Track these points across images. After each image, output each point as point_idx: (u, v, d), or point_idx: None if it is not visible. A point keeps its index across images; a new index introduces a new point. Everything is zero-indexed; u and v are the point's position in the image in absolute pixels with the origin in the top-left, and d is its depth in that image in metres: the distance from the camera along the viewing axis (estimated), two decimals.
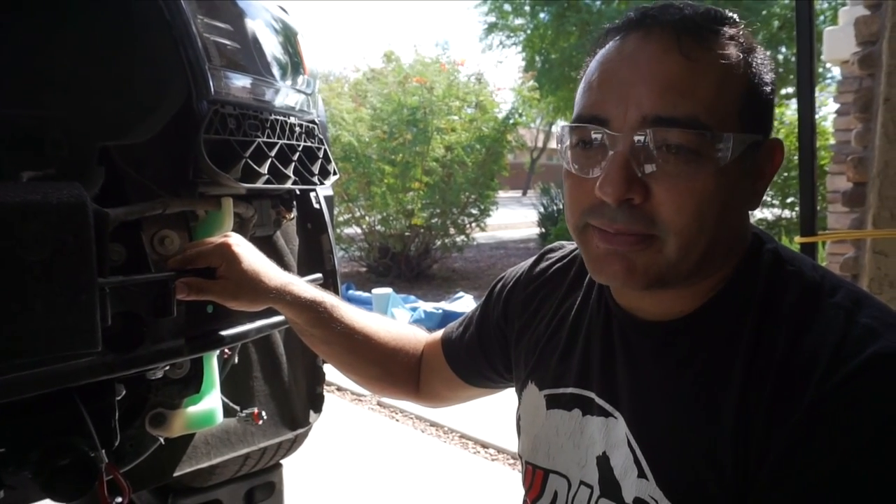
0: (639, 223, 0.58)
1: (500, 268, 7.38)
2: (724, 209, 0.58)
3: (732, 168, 0.58)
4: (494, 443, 2.72)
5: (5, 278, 0.63)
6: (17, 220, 0.64)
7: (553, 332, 0.78)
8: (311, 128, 1.28)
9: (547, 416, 0.76)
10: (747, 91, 0.59)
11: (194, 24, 0.98)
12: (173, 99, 0.93)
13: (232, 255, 0.89)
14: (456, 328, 0.96)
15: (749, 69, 0.59)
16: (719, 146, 0.56)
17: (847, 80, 3.72)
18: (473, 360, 0.92)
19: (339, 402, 3.33)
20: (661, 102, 0.56)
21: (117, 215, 0.87)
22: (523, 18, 12.18)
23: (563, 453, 0.73)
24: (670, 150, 0.56)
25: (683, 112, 0.56)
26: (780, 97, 9.12)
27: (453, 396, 1.00)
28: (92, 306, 0.69)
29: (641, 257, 0.59)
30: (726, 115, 0.57)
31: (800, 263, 0.63)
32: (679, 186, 0.57)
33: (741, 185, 0.60)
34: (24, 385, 0.74)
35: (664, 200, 0.57)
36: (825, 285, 0.61)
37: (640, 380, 0.66)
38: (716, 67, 0.57)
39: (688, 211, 0.57)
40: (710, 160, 0.57)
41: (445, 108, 6.48)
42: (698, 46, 0.57)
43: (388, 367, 0.97)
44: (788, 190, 6.22)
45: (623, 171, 0.57)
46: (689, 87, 0.57)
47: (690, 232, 0.58)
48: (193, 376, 1.04)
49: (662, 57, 0.57)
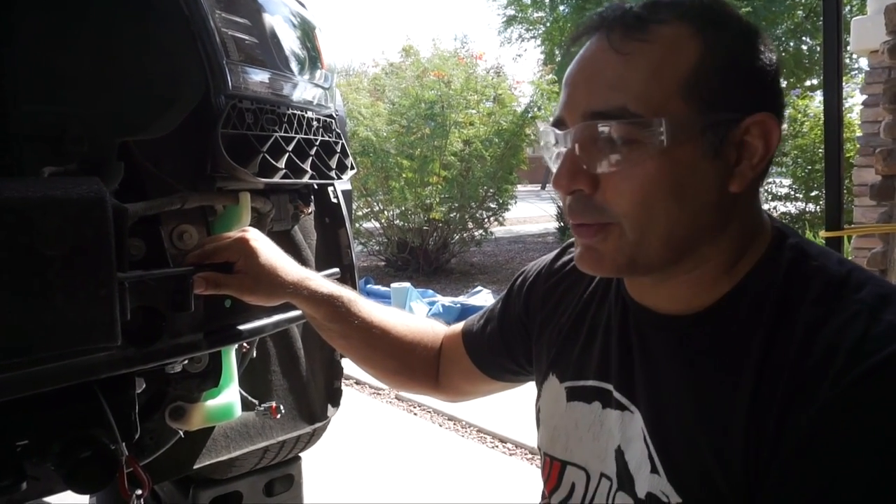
0: (593, 213, 0.62)
1: (518, 262, 7.35)
2: (678, 190, 0.59)
3: (684, 150, 0.58)
4: (513, 437, 2.71)
5: (26, 273, 0.64)
6: (37, 215, 0.65)
7: (574, 324, 0.79)
8: (328, 122, 1.28)
9: (567, 409, 0.76)
10: (700, 71, 0.59)
11: (212, 19, 0.99)
12: (191, 94, 0.93)
13: (249, 249, 0.89)
14: (477, 321, 0.96)
15: (708, 48, 0.59)
16: (654, 131, 0.58)
17: (875, 70, 3.64)
18: (495, 353, 0.92)
19: (357, 395, 3.35)
20: (594, 98, 0.60)
21: (136, 210, 0.87)
22: (543, 11, 12.11)
23: (582, 445, 0.73)
24: (606, 142, 0.60)
25: (613, 104, 0.59)
26: (805, 89, 8.95)
27: (473, 390, 0.99)
28: (111, 300, 0.69)
29: (605, 246, 0.62)
30: (664, 100, 0.58)
31: (824, 258, 0.62)
32: (619, 174, 0.60)
33: (703, 165, 0.59)
34: (46, 378, 0.74)
35: (609, 189, 0.61)
36: (851, 280, 0.59)
37: (655, 375, 0.66)
38: (649, 56, 0.59)
39: (631, 196, 0.60)
40: (646, 146, 0.58)
41: (463, 102, 6.45)
42: (630, 39, 0.60)
43: (406, 360, 0.97)
44: (813, 183, 6.11)
45: (569, 165, 0.62)
46: (619, 79, 0.59)
47: (640, 216, 0.60)
48: (212, 370, 1.04)
49: (597, 55, 0.61)
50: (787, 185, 6.56)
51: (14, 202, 0.64)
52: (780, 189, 6.59)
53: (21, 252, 0.64)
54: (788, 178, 6.55)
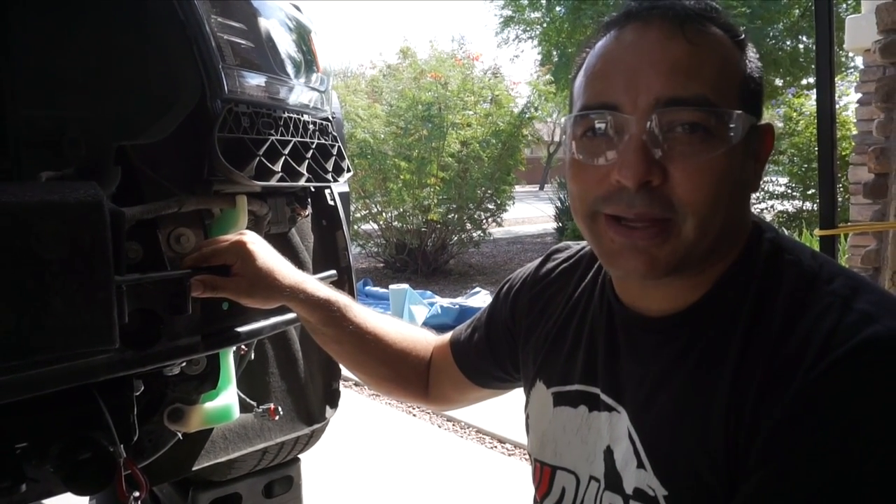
0: (657, 206, 0.59)
1: (516, 263, 7.36)
2: (734, 188, 0.60)
3: (739, 148, 0.59)
4: (511, 438, 2.71)
5: (24, 276, 0.64)
6: (35, 219, 0.65)
7: (559, 330, 0.79)
8: (324, 125, 1.29)
9: (554, 414, 0.77)
10: (744, 76, 0.62)
11: (208, 23, 0.99)
12: (188, 98, 0.94)
13: (246, 252, 0.89)
14: (464, 330, 0.97)
15: (743, 57, 0.62)
16: (730, 125, 0.58)
17: (870, 68, 3.65)
18: (482, 361, 0.93)
19: (356, 397, 3.35)
20: (670, 84, 0.58)
21: (133, 214, 0.88)
22: (539, 12, 12.11)
23: (571, 450, 0.74)
24: (684, 130, 0.58)
25: (693, 92, 0.57)
26: (801, 87, 8.97)
27: (461, 398, 1.00)
28: (109, 304, 0.70)
29: (662, 249, 0.60)
30: (730, 96, 0.59)
31: (798, 252, 0.63)
32: (695, 165, 0.58)
33: (745, 165, 0.62)
34: (45, 381, 0.75)
35: (681, 180, 0.58)
36: (822, 273, 0.60)
37: (642, 374, 0.67)
38: (717, 51, 0.60)
39: (705, 189, 0.58)
40: (721, 139, 0.58)
41: (460, 103, 6.46)
42: (699, 32, 0.59)
43: (397, 368, 0.98)
44: (809, 181, 6.12)
45: (641, 154, 0.58)
46: (695, 68, 0.58)
47: (708, 210, 0.58)
48: (210, 372, 1.05)
49: (666, 43, 0.59)
50: (784, 184, 6.57)
51: (11, 206, 0.64)
52: (776, 187, 6.61)
53: (19, 256, 0.64)
54: (785, 176, 6.57)
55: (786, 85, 9.82)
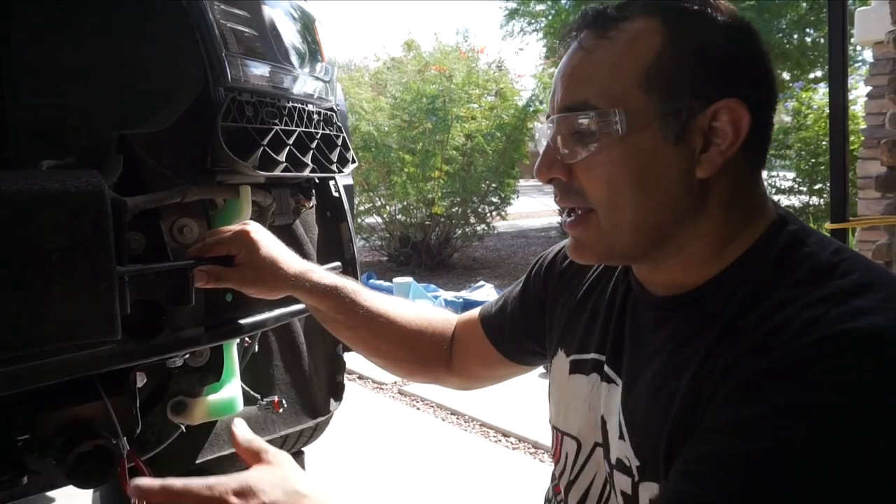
0: (571, 198, 0.67)
1: (520, 256, 7.34)
2: (641, 177, 0.62)
3: (643, 137, 0.62)
4: (516, 431, 2.71)
5: (25, 267, 0.63)
6: (35, 208, 0.64)
7: (581, 301, 0.81)
8: (329, 115, 1.28)
9: (569, 381, 0.79)
10: (660, 61, 0.61)
11: (211, 11, 0.98)
12: (190, 87, 0.93)
13: (250, 241, 0.88)
14: (494, 305, 0.97)
15: (671, 39, 0.62)
16: (611, 121, 0.62)
17: (880, 61, 3.61)
18: (515, 333, 0.93)
19: (360, 390, 3.35)
20: (566, 93, 0.66)
21: (136, 204, 0.87)
22: (544, 4, 12.04)
23: (578, 416, 0.76)
24: (574, 133, 0.64)
25: (577, 98, 0.64)
26: (808, 81, 8.91)
27: (488, 375, 0.99)
28: (111, 294, 0.69)
29: (586, 235, 0.67)
30: (623, 92, 0.62)
31: (819, 246, 0.61)
32: (587, 163, 0.64)
33: (665, 151, 0.62)
34: (46, 373, 0.74)
35: (582, 177, 0.65)
36: (839, 268, 0.58)
37: (638, 351, 0.70)
38: (610, 52, 0.63)
39: (599, 182, 0.64)
40: (605, 135, 0.62)
41: (465, 97, 6.43)
42: (595, 37, 0.64)
43: (415, 348, 0.97)
44: (816, 176, 6.08)
45: (546, 156, 0.67)
46: (585, 75, 0.64)
47: (609, 202, 0.64)
48: (214, 364, 1.04)
49: (571, 54, 0.66)
50: (791, 179, 6.53)
51: (12, 195, 0.63)
52: (783, 182, 6.57)
53: (20, 245, 0.63)
54: (792, 171, 6.52)
55: (793, 79, 9.75)
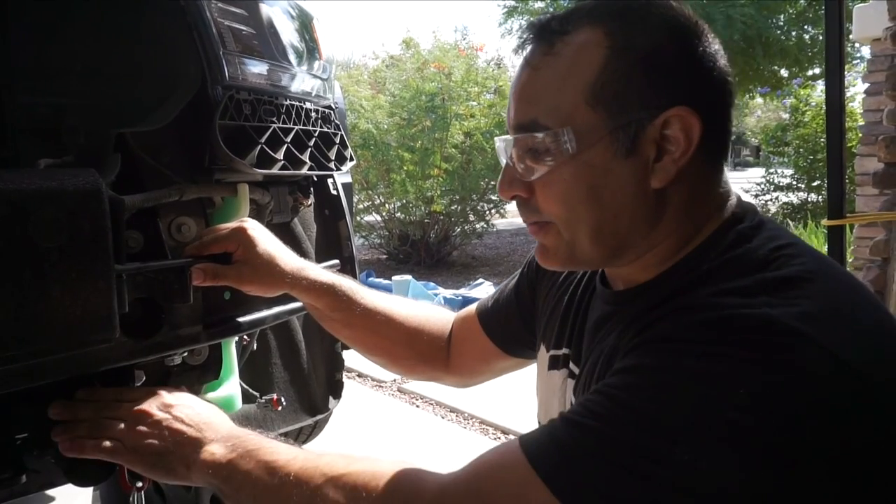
0: (532, 214, 0.67)
1: (519, 254, 7.35)
2: (594, 192, 0.62)
3: (594, 154, 0.61)
4: (514, 429, 2.71)
5: (22, 265, 0.63)
6: (33, 206, 0.64)
7: (559, 297, 0.82)
8: (327, 113, 1.27)
9: (548, 376, 0.80)
10: (604, 75, 0.61)
11: (209, 9, 0.98)
12: (188, 85, 0.92)
13: (247, 238, 0.89)
14: (490, 299, 0.98)
15: (614, 51, 0.61)
16: (560, 140, 0.61)
17: (878, 58, 3.61)
18: (511, 326, 0.93)
19: (359, 388, 3.35)
20: (517, 112, 0.65)
21: (134, 202, 0.86)
22: (543, 2, 12.04)
23: (552, 411, 0.77)
24: (527, 153, 0.64)
25: (528, 117, 0.64)
26: (807, 78, 8.91)
27: (487, 370, 1.00)
28: (108, 293, 0.69)
29: (547, 240, 0.68)
30: (570, 110, 0.62)
31: (765, 241, 0.61)
32: (543, 181, 0.64)
33: (616, 166, 0.61)
34: (44, 371, 0.74)
35: (539, 194, 0.65)
36: (773, 264, 0.58)
37: (591, 344, 0.71)
38: (555, 69, 0.63)
39: (554, 200, 0.64)
40: (559, 154, 0.62)
41: (464, 94, 6.43)
42: (542, 54, 0.64)
43: (413, 345, 0.97)
44: (815, 173, 6.09)
45: (506, 175, 0.68)
46: (533, 93, 0.64)
47: (566, 217, 0.64)
48: (212, 362, 1.04)
49: (520, 71, 0.66)
50: (789, 176, 6.54)
51: (9, 194, 0.63)
52: (782, 179, 6.57)
53: (17, 244, 0.63)
54: (790, 167, 6.53)
55: (791, 76, 9.75)
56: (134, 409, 0.73)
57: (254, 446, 0.70)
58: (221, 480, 0.68)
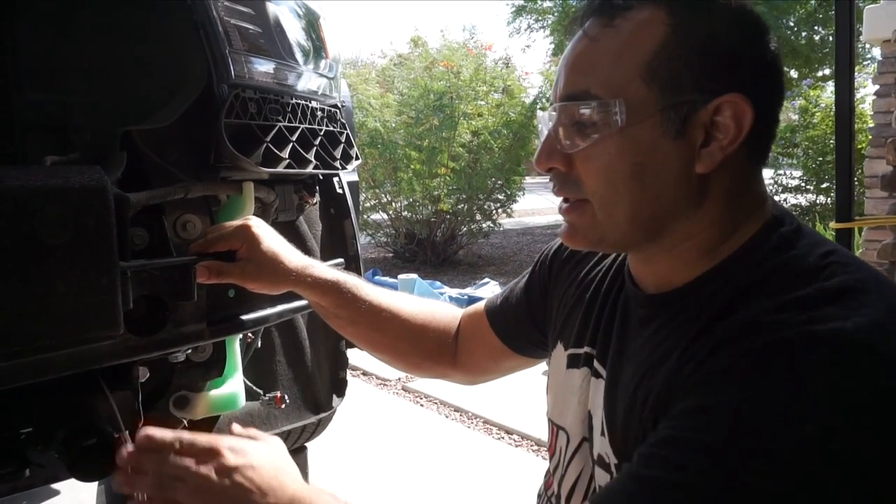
0: (569, 188, 0.66)
1: (526, 254, 7.33)
2: (638, 169, 0.61)
3: (642, 130, 0.60)
4: (518, 429, 2.71)
5: (28, 261, 0.64)
6: (38, 203, 0.65)
7: (580, 294, 0.81)
8: (333, 112, 1.28)
9: (565, 375, 0.79)
10: (662, 53, 0.60)
11: (215, 8, 0.98)
12: (194, 83, 0.93)
13: (252, 236, 0.89)
14: (499, 297, 0.97)
15: (675, 31, 0.60)
16: (611, 111, 0.60)
17: (888, 59, 3.58)
18: (520, 324, 0.92)
19: (364, 386, 3.36)
20: (568, 82, 0.64)
21: (139, 199, 0.87)
22: (552, 1, 12.01)
23: (570, 410, 0.76)
24: (573, 123, 0.63)
25: (579, 87, 0.63)
26: (817, 79, 8.85)
27: (494, 368, 0.99)
28: (113, 289, 0.69)
29: (578, 221, 0.66)
30: (624, 83, 0.61)
31: (809, 248, 0.60)
32: (586, 153, 0.63)
33: (664, 145, 0.60)
34: (49, 366, 0.75)
35: (579, 167, 0.64)
36: (823, 271, 0.57)
37: (623, 347, 0.70)
38: (614, 41, 0.62)
39: (596, 174, 0.63)
40: (606, 126, 0.61)
41: (472, 93, 6.42)
42: (601, 26, 0.63)
43: (418, 342, 0.97)
44: (824, 175, 6.04)
45: (546, 144, 0.66)
46: (587, 64, 0.63)
47: (605, 193, 0.63)
48: (216, 360, 1.05)
49: (575, 43, 0.65)
50: (798, 177, 6.49)
51: (15, 190, 0.64)
52: (790, 181, 6.53)
53: (22, 240, 0.64)
54: (799, 169, 6.48)
55: (801, 77, 9.69)
56: (194, 470, 0.68)
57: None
58: None
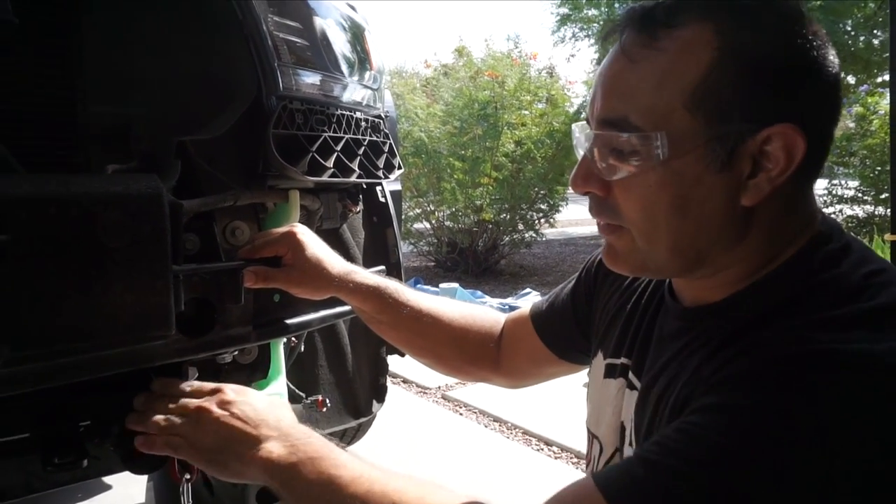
0: (605, 214, 0.63)
1: (568, 264, 7.26)
2: (680, 203, 0.58)
3: (686, 163, 0.57)
4: (558, 441, 2.68)
5: (89, 263, 0.68)
6: (100, 209, 0.69)
7: (622, 304, 0.80)
8: (376, 123, 1.31)
9: (603, 384, 0.79)
10: (709, 80, 0.56)
11: (265, 22, 1.02)
12: (244, 95, 0.97)
13: (297, 242, 0.92)
14: (544, 301, 0.97)
15: (723, 54, 0.56)
16: (653, 144, 0.57)
17: None
18: (565, 329, 0.92)
19: (404, 393, 3.38)
20: (605, 105, 0.60)
21: (191, 206, 0.91)
22: (597, 10, 11.91)
23: (604, 419, 0.76)
24: (612, 151, 0.60)
25: (617, 114, 0.59)
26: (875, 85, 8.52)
27: (537, 372, 0.99)
28: (166, 291, 0.73)
29: (618, 244, 0.64)
30: (667, 112, 0.57)
31: (855, 266, 0.57)
32: (625, 183, 0.60)
33: (709, 178, 0.57)
34: (106, 364, 0.79)
35: (617, 195, 0.61)
36: (865, 292, 0.54)
37: (658, 359, 0.68)
38: (656, 65, 0.58)
39: (634, 205, 0.60)
40: (647, 158, 0.58)
41: (516, 103, 6.42)
42: (642, 46, 0.59)
43: (460, 346, 0.97)
44: (882, 185, 5.80)
45: (582, 168, 0.63)
46: (627, 89, 0.59)
47: (644, 225, 0.60)
48: (261, 362, 1.08)
49: (613, 61, 0.61)
50: (854, 188, 6.25)
51: (80, 197, 0.68)
52: (846, 191, 6.29)
53: (85, 243, 0.68)
54: (856, 179, 6.24)
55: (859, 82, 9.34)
56: (196, 406, 0.75)
57: (315, 454, 0.69)
58: (280, 483, 0.69)
